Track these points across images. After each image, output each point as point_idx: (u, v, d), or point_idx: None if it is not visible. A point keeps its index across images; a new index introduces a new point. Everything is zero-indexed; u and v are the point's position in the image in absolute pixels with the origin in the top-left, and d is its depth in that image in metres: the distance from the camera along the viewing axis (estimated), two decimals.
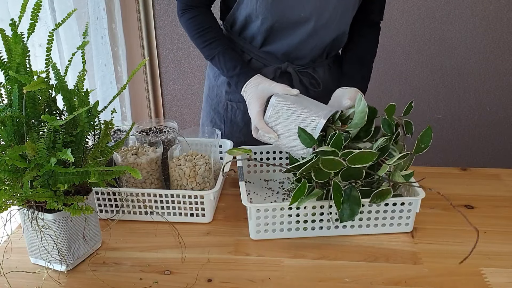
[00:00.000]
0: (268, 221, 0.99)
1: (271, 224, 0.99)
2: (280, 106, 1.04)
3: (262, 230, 1.00)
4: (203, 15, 1.21)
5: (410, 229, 1.02)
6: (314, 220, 0.99)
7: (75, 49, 0.89)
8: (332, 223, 0.99)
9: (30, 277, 0.90)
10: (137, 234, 1.04)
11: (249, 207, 0.96)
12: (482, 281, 0.89)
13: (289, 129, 1.03)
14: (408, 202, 0.99)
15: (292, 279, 0.90)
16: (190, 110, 2.53)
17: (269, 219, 0.98)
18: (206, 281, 0.90)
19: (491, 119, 2.43)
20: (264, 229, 0.99)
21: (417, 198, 0.99)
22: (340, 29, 1.22)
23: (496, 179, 1.26)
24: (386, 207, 0.99)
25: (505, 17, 2.21)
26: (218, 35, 1.20)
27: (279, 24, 1.17)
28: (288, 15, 1.15)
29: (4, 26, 0.80)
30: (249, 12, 1.17)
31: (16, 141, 0.82)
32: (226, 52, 1.18)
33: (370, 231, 1.02)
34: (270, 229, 0.99)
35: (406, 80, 2.37)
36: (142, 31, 2.31)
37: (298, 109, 1.02)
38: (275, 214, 0.98)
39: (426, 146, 1.00)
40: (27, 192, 0.80)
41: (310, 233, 1.01)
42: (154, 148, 1.10)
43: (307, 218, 0.99)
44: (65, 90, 0.85)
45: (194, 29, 1.20)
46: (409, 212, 1.00)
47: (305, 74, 1.29)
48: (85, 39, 0.89)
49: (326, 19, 1.16)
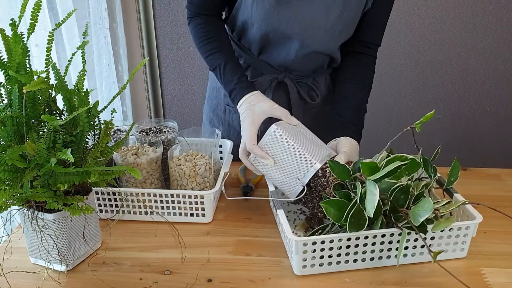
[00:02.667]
0: (316, 255, 0.89)
1: (318, 258, 0.90)
2: (279, 136, 0.96)
3: (309, 265, 0.90)
4: (209, 23, 1.16)
5: (464, 255, 0.96)
6: (365, 251, 0.91)
7: (75, 49, 0.89)
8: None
9: (30, 277, 0.90)
10: (137, 234, 1.04)
11: (295, 241, 0.86)
12: (482, 281, 0.89)
13: (282, 162, 0.96)
14: (465, 227, 0.92)
15: (292, 279, 0.90)
16: (190, 110, 2.52)
17: (317, 253, 0.89)
18: (206, 281, 0.90)
19: (491, 119, 2.43)
20: (311, 263, 0.90)
21: (475, 222, 0.92)
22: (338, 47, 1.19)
23: (496, 179, 1.26)
24: (441, 233, 0.92)
25: (505, 17, 2.21)
26: (220, 45, 1.15)
27: (274, 35, 1.14)
28: (282, 27, 1.12)
29: (4, 26, 0.80)
30: (245, 18, 1.14)
31: (16, 141, 0.82)
32: (227, 65, 1.12)
33: (423, 259, 0.94)
34: (318, 263, 0.90)
35: (406, 80, 2.37)
36: (142, 31, 2.31)
37: (297, 145, 0.96)
38: (324, 247, 0.88)
39: (455, 179, 0.99)
40: (27, 192, 0.80)
41: (362, 265, 0.92)
42: (154, 148, 1.10)
43: (357, 250, 0.90)
44: (65, 90, 0.85)
45: (198, 37, 1.17)
46: (465, 237, 0.94)
47: (303, 86, 1.25)
48: (85, 39, 0.89)
49: (322, 35, 1.13)
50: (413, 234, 0.90)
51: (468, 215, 0.96)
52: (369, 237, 0.89)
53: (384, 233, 0.89)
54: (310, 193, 0.98)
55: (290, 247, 0.92)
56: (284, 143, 0.96)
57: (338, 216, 0.88)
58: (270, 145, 0.97)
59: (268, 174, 1.00)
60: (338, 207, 0.88)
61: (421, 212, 0.84)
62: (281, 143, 0.96)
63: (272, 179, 1.00)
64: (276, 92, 1.24)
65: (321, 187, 0.96)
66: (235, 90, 1.10)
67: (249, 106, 1.05)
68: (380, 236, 0.89)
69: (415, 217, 0.85)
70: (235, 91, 1.10)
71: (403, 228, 0.88)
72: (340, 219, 0.88)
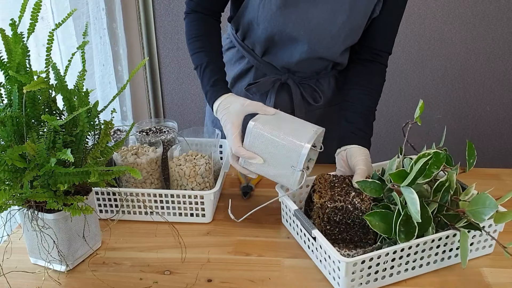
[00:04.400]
0: (363, 273, 0.84)
1: (366, 276, 0.85)
2: (259, 132, 0.94)
3: (357, 285, 0.85)
4: (203, 22, 1.15)
5: (491, 251, 0.96)
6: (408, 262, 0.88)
7: (72, 49, 0.89)
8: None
9: (30, 277, 0.90)
10: (137, 234, 1.04)
11: (344, 262, 0.80)
12: (482, 281, 0.89)
13: (271, 156, 0.94)
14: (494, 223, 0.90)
15: (292, 279, 0.90)
16: (190, 110, 2.52)
17: (365, 271, 0.84)
18: (206, 281, 0.90)
19: (491, 119, 2.43)
20: (359, 282, 0.85)
21: None
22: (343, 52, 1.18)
23: (496, 179, 1.26)
24: (474, 232, 0.91)
25: (505, 17, 2.21)
26: (208, 45, 1.13)
27: (279, 37, 1.13)
28: (288, 29, 1.11)
29: (4, 26, 0.80)
30: (251, 18, 1.14)
31: (16, 141, 0.82)
32: (208, 66, 1.10)
33: (457, 260, 0.93)
34: (365, 281, 0.86)
35: (406, 80, 2.37)
36: (142, 31, 2.31)
37: (280, 133, 0.93)
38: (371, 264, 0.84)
39: (474, 159, 0.97)
40: (27, 192, 0.80)
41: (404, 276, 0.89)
42: (154, 148, 1.10)
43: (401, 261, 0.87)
44: (65, 90, 0.85)
45: (188, 34, 1.16)
46: (494, 233, 0.94)
47: (306, 87, 1.24)
48: (85, 39, 0.89)
49: (327, 39, 1.13)
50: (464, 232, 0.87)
51: None
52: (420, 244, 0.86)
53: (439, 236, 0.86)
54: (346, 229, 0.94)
55: (333, 268, 0.86)
56: (267, 137, 0.93)
57: (384, 227, 0.85)
58: (254, 143, 0.94)
59: (263, 173, 0.97)
60: (382, 218, 0.86)
61: (485, 210, 0.82)
62: (264, 138, 0.93)
63: (269, 176, 0.98)
64: (279, 94, 1.24)
65: (355, 218, 0.92)
66: (208, 93, 1.09)
67: (224, 110, 1.03)
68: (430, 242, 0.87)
69: (478, 216, 0.83)
70: (209, 94, 1.08)
71: (460, 228, 0.86)
72: (386, 231, 0.85)
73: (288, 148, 0.92)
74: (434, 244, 0.88)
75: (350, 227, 0.93)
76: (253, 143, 0.95)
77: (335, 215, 0.92)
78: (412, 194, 0.82)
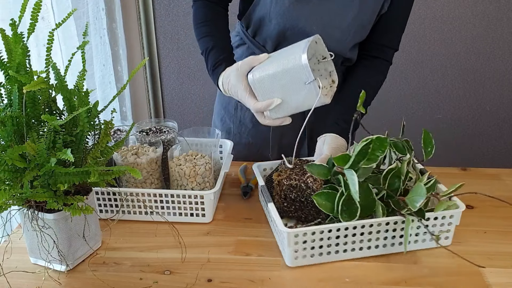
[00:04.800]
0: (307, 246, 0.91)
1: (309, 249, 0.91)
2: (260, 77, 0.94)
3: (301, 256, 0.92)
4: (210, 9, 1.18)
5: (449, 243, 0.98)
6: (354, 241, 0.93)
7: (73, 49, 0.89)
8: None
9: (30, 277, 0.90)
10: (137, 234, 1.04)
11: (287, 233, 0.88)
12: (482, 281, 0.89)
13: (284, 89, 0.93)
14: (449, 215, 0.95)
15: (292, 279, 0.90)
16: (190, 110, 2.52)
17: (308, 244, 0.90)
18: (206, 281, 0.90)
19: (491, 119, 2.43)
20: (303, 254, 0.92)
21: (458, 210, 0.94)
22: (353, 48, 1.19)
23: (496, 179, 1.26)
24: (427, 222, 0.94)
25: (505, 17, 2.21)
26: (213, 30, 1.16)
27: (291, 32, 1.15)
28: (301, 24, 1.13)
29: (4, 26, 0.80)
30: (263, 14, 1.16)
31: (16, 141, 0.82)
32: (211, 50, 1.12)
33: (410, 247, 0.96)
34: (309, 254, 0.92)
35: (406, 80, 2.37)
36: (142, 31, 2.31)
37: (276, 64, 0.92)
38: (314, 238, 0.90)
39: (432, 148, 1.00)
40: (27, 192, 0.80)
41: (351, 255, 0.94)
42: (154, 148, 1.10)
43: (347, 240, 0.92)
44: (65, 90, 0.85)
45: (196, 20, 1.18)
46: (449, 226, 0.96)
47: None
48: (85, 39, 0.89)
49: (338, 35, 1.15)
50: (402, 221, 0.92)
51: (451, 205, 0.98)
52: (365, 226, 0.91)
53: (386, 221, 0.91)
54: (301, 207, 1.00)
55: (282, 240, 0.93)
56: (268, 75, 0.93)
57: (330, 207, 0.91)
58: (263, 90, 0.95)
59: (291, 109, 0.96)
60: (328, 198, 0.91)
61: (417, 198, 0.87)
62: (267, 78, 0.94)
63: (298, 109, 0.96)
64: None
65: (308, 196, 0.98)
66: (212, 77, 1.11)
67: (228, 85, 1.04)
68: (376, 225, 0.91)
69: (412, 203, 0.88)
70: (212, 78, 1.11)
71: (406, 215, 0.90)
72: (332, 210, 0.90)
73: (291, 70, 0.91)
74: (382, 228, 0.92)
75: (304, 205, 0.99)
76: (262, 90, 0.96)
77: (291, 193, 0.99)
78: (352, 175, 0.87)
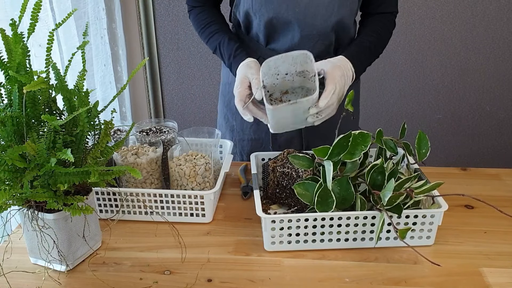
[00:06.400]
0: (284, 232, 0.94)
1: (286, 236, 0.95)
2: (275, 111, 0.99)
3: (278, 242, 0.96)
4: (206, 12, 1.25)
5: (431, 243, 0.98)
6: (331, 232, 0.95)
7: (73, 49, 0.89)
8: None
9: (30, 277, 0.90)
10: (137, 234, 1.04)
11: (263, 218, 0.92)
12: (482, 281, 0.89)
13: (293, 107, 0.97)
14: (430, 215, 0.95)
15: (292, 279, 0.90)
16: (190, 110, 2.52)
17: (285, 231, 0.94)
18: (206, 281, 0.90)
19: (491, 119, 2.43)
20: (280, 240, 0.96)
21: (440, 210, 0.95)
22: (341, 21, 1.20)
23: (496, 179, 1.26)
24: (407, 219, 0.95)
25: (505, 17, 2.21)
26: (218, 28, 1.23)
27: (277, 20, 1.17)
28: (283, 10, 1.15)
29: (4, 26, 0.80)
30: (246, 9, 1.18)
31: (16, 141, 0.82)
32: (225, 42, 1.19)
33: (390, 243, 0.98)
34: (286, 240, 0.96)
35: (406, 80, 2.37)
36: (142, 31, 2.31)
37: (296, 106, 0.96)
38: (291, 225, 0.93)
39: (427, 150, 1.01)
40: (27, 192, 0.80)
41: (328, 245, 0.97)
42: (154, 148, 1.10)
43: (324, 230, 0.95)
44: (65, 90, 0.85)
45: (197, 26, 1.26)
46: (431, 225, 0.96)
47: None
48: (85, 39, 0.89)
49: (322, 12, 1.16)
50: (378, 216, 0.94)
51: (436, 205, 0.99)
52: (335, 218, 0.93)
53: (357, 215, 0.93)
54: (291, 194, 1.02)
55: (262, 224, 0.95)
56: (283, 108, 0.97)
57: (310, 197, 0.93)
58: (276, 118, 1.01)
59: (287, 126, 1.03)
60: (307, 188, 0.94)
61: (386, 193, 0.89)
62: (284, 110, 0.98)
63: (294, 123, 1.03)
64: None
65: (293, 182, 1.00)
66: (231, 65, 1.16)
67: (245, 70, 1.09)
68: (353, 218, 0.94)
69: (382, 198, 0.90)
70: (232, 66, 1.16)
71: (381, 209, 0.92)
72: (311, 200, 0.93)
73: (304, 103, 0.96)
74: (359, 222, 0.94)
75: (293, 193, 1.00)
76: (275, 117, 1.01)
77: (283, 180, 1.03)
78: (329, 166, 0.91)
